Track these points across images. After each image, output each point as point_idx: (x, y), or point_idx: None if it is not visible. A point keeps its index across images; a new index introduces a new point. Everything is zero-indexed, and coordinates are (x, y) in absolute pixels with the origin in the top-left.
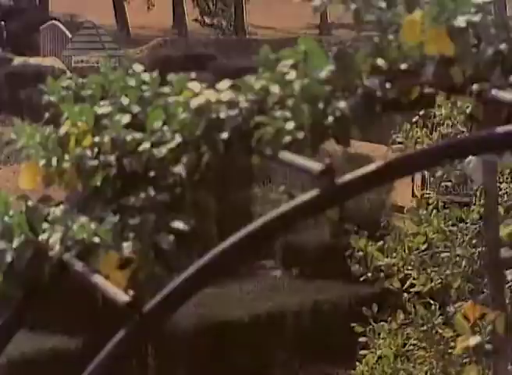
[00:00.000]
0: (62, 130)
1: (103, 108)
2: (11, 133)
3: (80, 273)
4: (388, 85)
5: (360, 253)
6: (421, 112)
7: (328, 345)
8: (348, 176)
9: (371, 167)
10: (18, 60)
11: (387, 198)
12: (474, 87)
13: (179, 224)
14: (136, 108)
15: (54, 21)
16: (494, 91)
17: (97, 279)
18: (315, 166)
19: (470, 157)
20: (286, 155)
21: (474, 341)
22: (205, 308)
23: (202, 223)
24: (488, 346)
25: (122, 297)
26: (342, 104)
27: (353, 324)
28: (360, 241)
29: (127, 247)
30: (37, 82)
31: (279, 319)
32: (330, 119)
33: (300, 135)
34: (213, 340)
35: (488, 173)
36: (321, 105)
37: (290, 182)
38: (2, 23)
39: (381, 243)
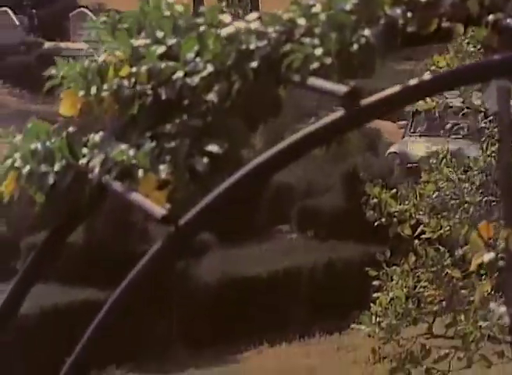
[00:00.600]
0: (101, 61)
1: (139, 40)
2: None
3: (119, 192)
4: (409, 14)
5: (375, 200)
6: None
7: (342, 299)
8: (372, 98)
9: (395, 89)
10: (48, 44)
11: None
12: (490, 17)
13: (212, 148)
14: (170, 41)
15: (82, 9)
16: (509, 20)
17: (136, 196)
18: (341, 88)
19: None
20: (313, 81)
21: (488, 257)
22: (228, 265)
23: (233, 147)
24: (501, 262)
25: (159, 211)
26: (366, 32)
27: (367, 268)
28: (374, 188)
29: (164, 169)
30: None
31: (295, 275)
32: (355, 46)
33: (328, 61)
34: (234, 293)
35: (501, 99)
36: (347, 33)
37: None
38: (33, 10)
39: (394, 191)
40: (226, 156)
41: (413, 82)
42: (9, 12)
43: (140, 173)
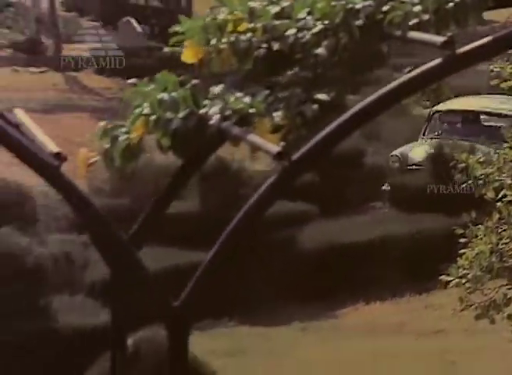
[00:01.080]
0: (220, 18)
1: (257, 2)
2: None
3: (238, 135)
4: None
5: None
6: None
7: (430, 264)
8: (467, 47)
9: (488, 39)
10: (168, 49)
11: None
12: None
13: (321, 96)
14: (284, 2)
15: None
16: None
17: (253, 137)
18: (439, 39)
19: None
20: (413, 34)
21: None
22: (328, 234)
23: (339, 95)
24: None
25: (274, 148)
26: None
27: (454, 227)
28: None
29: (277, 115)
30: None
31: (388, 242)
32: (451, 4)
33: (425, 17)
34: (334, 258)
35: None
36: None
37: None
38: (154, 20)
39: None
40: (333, 103)
41: (500, 34)
42: (132, 21)
43: (256, 118)
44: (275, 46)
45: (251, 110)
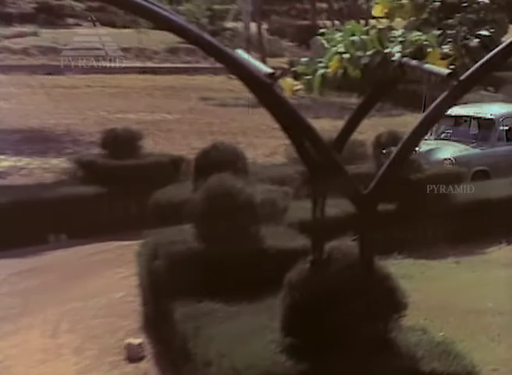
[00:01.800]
0: None
1: None
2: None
3: (416, 65)
4: None
5: None
6: None
7: None
8: None
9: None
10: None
11: None
12: None
13: (483, 32)
14: None
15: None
16: None
17: (426, 66)
18: None
19: None
20: None
21: None
22: (477, 191)
23: (497, 32)
24: None
25: (445, 71)
26: None
27: None
28: None
29: (446, 47)
30: None
31: None
32: None
33: None
34: (482, 207)
35: None
36: None
37: None
38: None
39: None
40: (492, 38)
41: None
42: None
43: (429, 48)
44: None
45: (425, 42)
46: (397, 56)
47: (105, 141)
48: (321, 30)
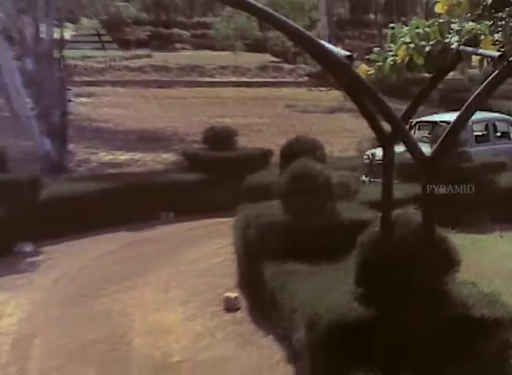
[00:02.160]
0: None
1: None
2: None
3: (471, 51)
4: None
5: None
6: None
7: None
8: None
9: None
10: None
11: None
12: None
13: None
14: None
15: None
16: None
17: (480, 50)
18: None
19: None
20: None
21: None
22: None
23: None
24: None
25: (497, 54)
26: None
27: None
28: None
29: (497, 35)
30: None
31: None
32: None
33: None
34: None
35: None
36: None
37: None
38: None
39: None
40: None
41: None
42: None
43: (482, 36)
44: None
45: (479, 31)
46: (455, 45)
47: (206, 137)
48: (391, 25)
